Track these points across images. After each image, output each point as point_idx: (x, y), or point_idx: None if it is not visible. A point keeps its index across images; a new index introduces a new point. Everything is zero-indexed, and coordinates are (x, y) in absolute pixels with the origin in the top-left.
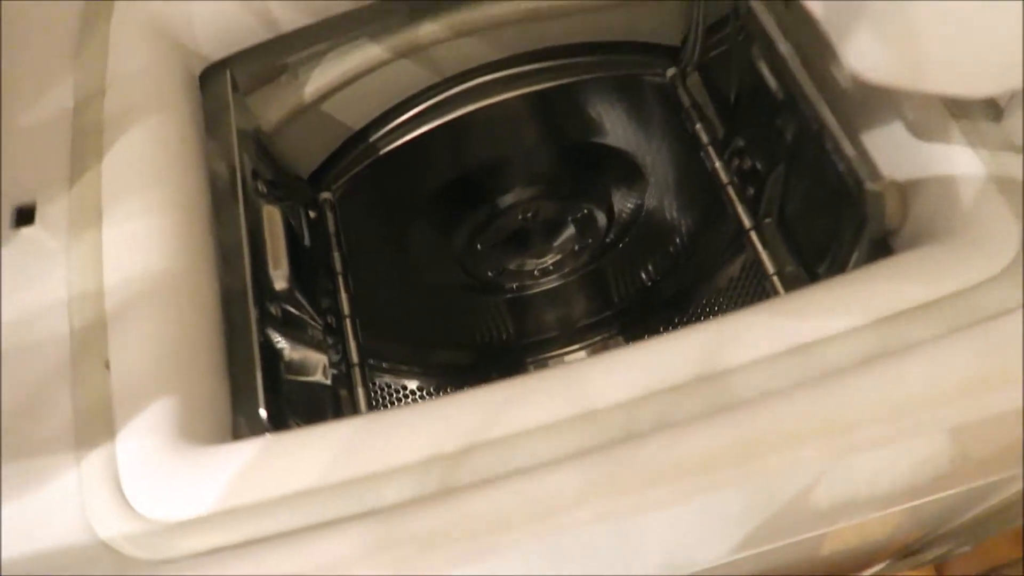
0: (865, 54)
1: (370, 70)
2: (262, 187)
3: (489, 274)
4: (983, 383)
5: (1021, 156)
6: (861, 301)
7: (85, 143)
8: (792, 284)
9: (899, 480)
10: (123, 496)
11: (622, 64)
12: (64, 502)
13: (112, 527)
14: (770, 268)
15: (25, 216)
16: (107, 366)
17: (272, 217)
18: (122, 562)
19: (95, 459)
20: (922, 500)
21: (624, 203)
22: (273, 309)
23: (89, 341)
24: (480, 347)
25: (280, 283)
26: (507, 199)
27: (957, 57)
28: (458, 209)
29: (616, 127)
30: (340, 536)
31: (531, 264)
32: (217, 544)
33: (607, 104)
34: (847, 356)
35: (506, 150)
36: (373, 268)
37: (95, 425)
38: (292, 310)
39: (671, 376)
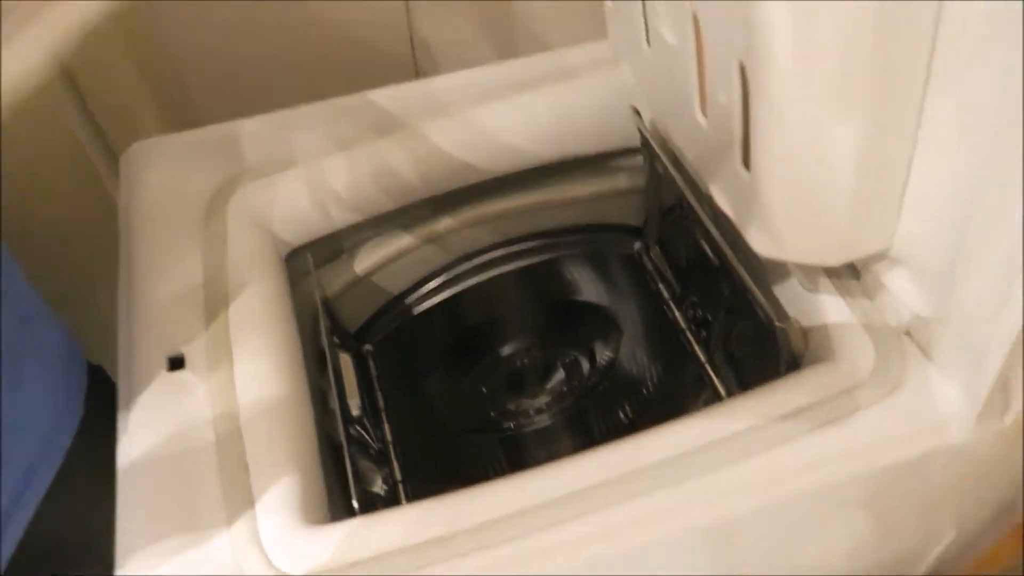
0: (754, 238)
1: (404, 253)
2: (336, 339)
3: (491, 414)
4: (849, 455)
5: (873, 302)
6: (762, 407)
7: (215, 306)
8: None
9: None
10: (265, 555)
11: (598, 241)
12: (219, 556)
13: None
14: (722, 392)
15: (177, 363)
16: (246, 467)
17: (346, 362)
18: None
19: (242, 528)
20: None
21: (603, 350)
22: (352, 430)
23: (231, 447)
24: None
25: (355, 410)
26: (507, 349)
27: (806, 245)
28: (467, 358)
29: (595, 289)
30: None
31: (527, 404)
32: None
33: (587, 272)
34: (749, 445)
35: (507, 310)
36: (402, 409)
37: (240, 506)
38: (361, 431)
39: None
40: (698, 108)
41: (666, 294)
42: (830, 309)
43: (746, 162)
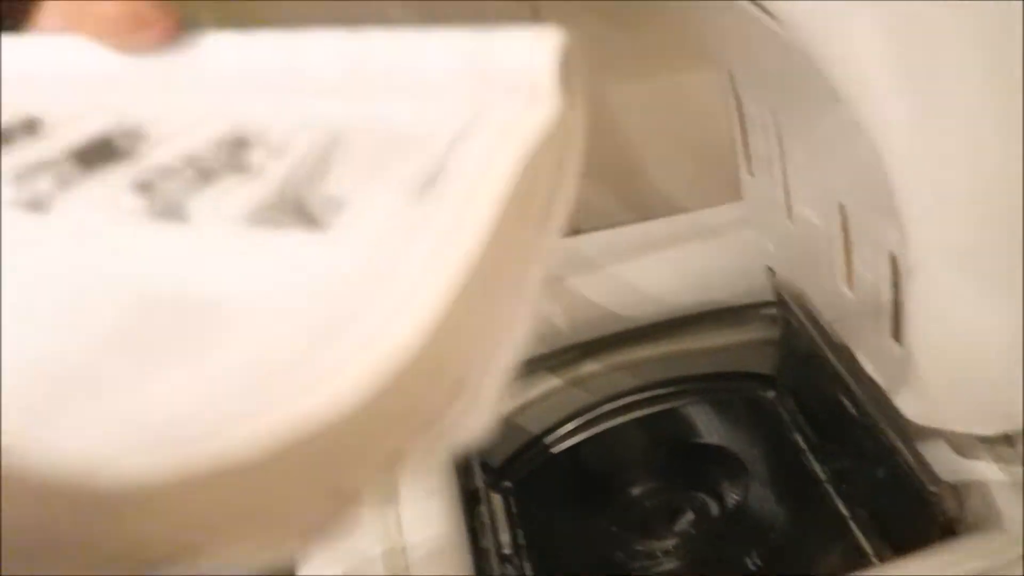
0: (906, 405)
1: (548, 395)
2: (485, 478)
3: (619, 554)
4: None
5: None
6: (933, 570)
7: None
8: None
9: None
10: None
11: (733, 388)
12: None
13: None
14: (868, 550)
15: None
16: None
17: (496, 501)
18: None
19: None
20: None
21: (732, 494)
22: (503, 569)
23: None
24: None
25: (507, 549)
26: (636, 490)
27: (963, 416)
28: (599, 498)
29: (728, 434)
30: None
31: (655, 545)
32: None
33: (721, 417)
34: None
35: (639, 452)
36: (539, 547)
37: None
38: (511, 569)
39: None
40: (842, 280)
41: (802, 443)
42: (985, 474)
43: (895, 333)
